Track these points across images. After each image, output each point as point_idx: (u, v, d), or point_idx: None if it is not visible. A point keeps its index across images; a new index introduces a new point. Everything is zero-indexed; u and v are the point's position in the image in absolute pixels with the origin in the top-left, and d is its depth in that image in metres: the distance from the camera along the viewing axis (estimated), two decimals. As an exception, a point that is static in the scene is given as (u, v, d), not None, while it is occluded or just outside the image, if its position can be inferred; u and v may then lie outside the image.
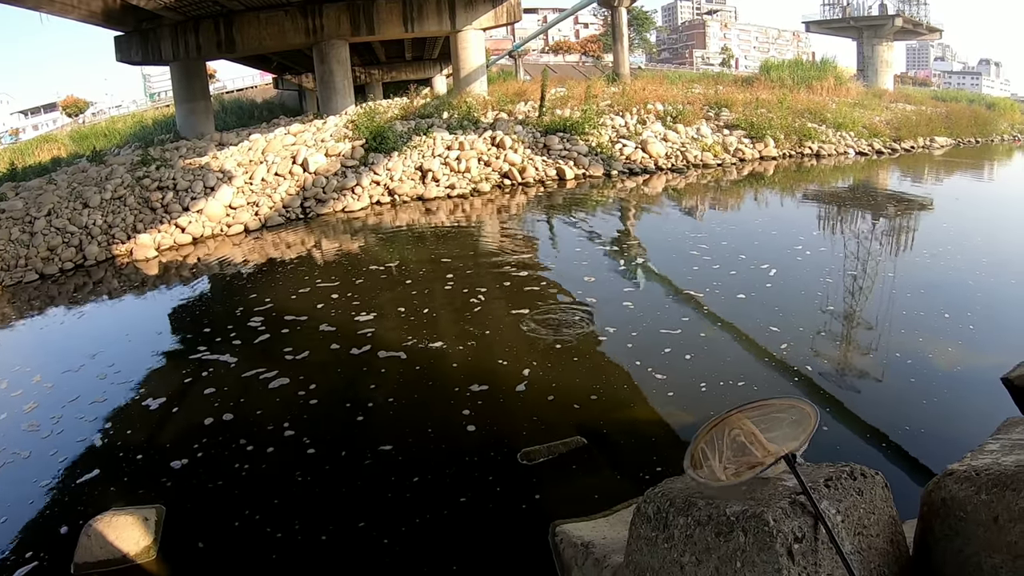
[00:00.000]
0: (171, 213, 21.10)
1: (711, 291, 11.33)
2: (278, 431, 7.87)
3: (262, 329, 11.55)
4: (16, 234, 19.49)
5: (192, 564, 5.80)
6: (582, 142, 26.13)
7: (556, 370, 8.67)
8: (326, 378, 9.24)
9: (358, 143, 24.68)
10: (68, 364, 11.04)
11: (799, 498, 2.56)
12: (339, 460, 7.12)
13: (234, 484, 6.92)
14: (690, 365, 8.55)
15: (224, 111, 53.18)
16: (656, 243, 15.55)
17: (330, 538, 5.81)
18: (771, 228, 16.78)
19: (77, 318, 14.52)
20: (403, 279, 13.89)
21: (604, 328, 10.04)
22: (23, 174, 27.66)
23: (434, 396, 8.43)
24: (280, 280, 14.97)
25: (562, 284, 12.46)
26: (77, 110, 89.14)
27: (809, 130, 29.49)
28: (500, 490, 6.20)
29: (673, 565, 3.08)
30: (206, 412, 8.61)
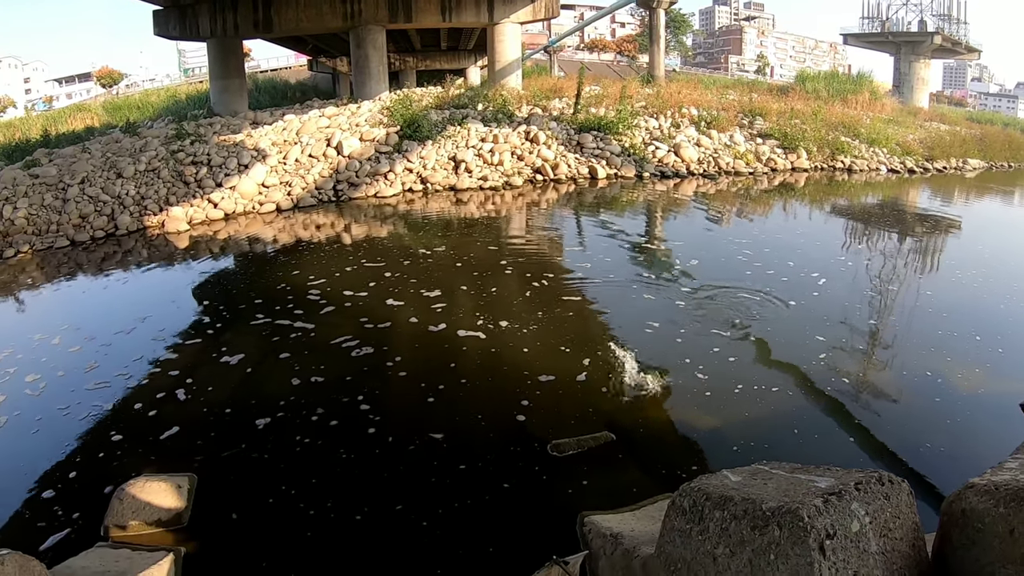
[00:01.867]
0: (204, 188, 21.31)
1: (764, 296, 11.36)
2: (318, 409, 8.00)
3: (297, 304, 11.75)
4: (49, 200, 19.75)
5: (223, 534, 5.89)
6: (615, 142, 26.10)
7: (598, 365, 8.74)
8: (370, 358, 9.39)
9: (392, 129, 24.73)
10: (120, 326, 11.39)
11: (831, 498, 2.65)
12: (372, 441, 7.21)
13: (271, 458, 7.04)
14: (733, 368, 8.60)
15: (258, 90, 53.34)
16: (704, 247, 15.50)
17: (364, 518, 5.90)
18: (813, 238, 16.72)
19: (122, 283, 14.78)
20: (448, 265, 14.07)
21: (653, 324, 10.13)
22: (56, 141, 27.92)
23: (450, 383, 8.52)
24: (313, 260, 15.13)
25: (609, 282, 12.56)
26: (111, 81, 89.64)
27: (842, 144, 29.24)
28: (530, 479, 6.30)
29: (706, 557, 3.16)
30: (247, 384, 8.86)
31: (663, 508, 4.50)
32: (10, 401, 8.82)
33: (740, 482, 3.22)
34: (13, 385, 9.32)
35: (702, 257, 14.01)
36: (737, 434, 6.94)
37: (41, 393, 9.01)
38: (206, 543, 5.76)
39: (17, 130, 38.83)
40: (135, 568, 5.09)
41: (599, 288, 12.22)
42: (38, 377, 9.53)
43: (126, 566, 5.17)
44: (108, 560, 5.33)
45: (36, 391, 9.10)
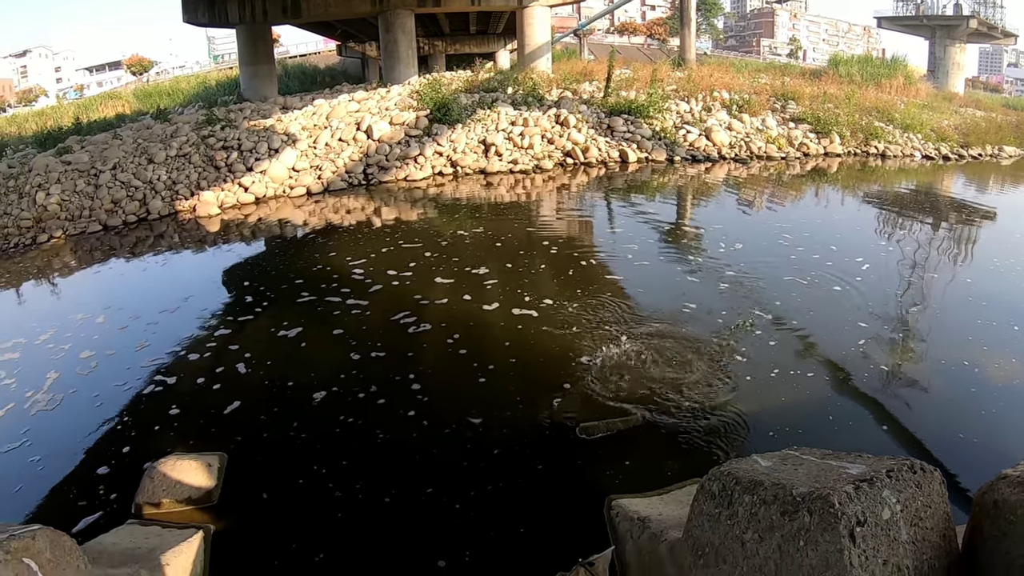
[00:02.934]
0: (235, 172, 21.46)
1: (810, 280, 11.29)
2: (360, 388, 8.08)
3: (342, 283, 11.94)
4: (81, 186, 20.03)
5: (253, 512, 5.95)
6: (646, 125, 25.86)
7: (637, 347, 8.69)
8: (406, 342, 9.43)
9: (422, 113, 24.74)
10: (164, 306, 11.69)
11: (863, 484, 2.62)
12: (409, 422, 7.26)
13: (305, 437, 7.12)
14: (772, 352, 8.56)
15: (287, 75, 53.50)
16: (744, 231, 15.32)
17: (394, 500, 5.94)
18: (852, 224, 16.49)
19: (160, 265, 15.13)
20: (488, 246, 14.15)
21: (700, 307, 10.08)
22: (88, 128, 28.19)
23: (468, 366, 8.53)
24: (349, 241, 15.24)
25: (650, 265, 12.57)
26: (141, 68, 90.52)
27: (876, 129, 28.71)
28: (559, 462, 6.32)
29: (734, 541, 3.14)
30: (292, 363, 8.96)
31: (691, 492, 4.48)
32: (64, 378, 9.06)
33: (770, 467, 3.19)
34: (67, 362, 9.58)
35: (745, 241, 13.86)
36: (770, 419, 6.92)
37: (91, 372, 9.24)
38: (236, 521, 5.84)
39: (49, 118, 39.13)
40: (165, 545, 5.15)
41: (640, 271, 12.23)
42: (92, 354, 9.80)
43: (156, 543, 5.23)
44: (138, 537, 5.40)
45: (87, 369, 9.33)
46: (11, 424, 7.95)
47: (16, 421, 8.02)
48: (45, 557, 3.17)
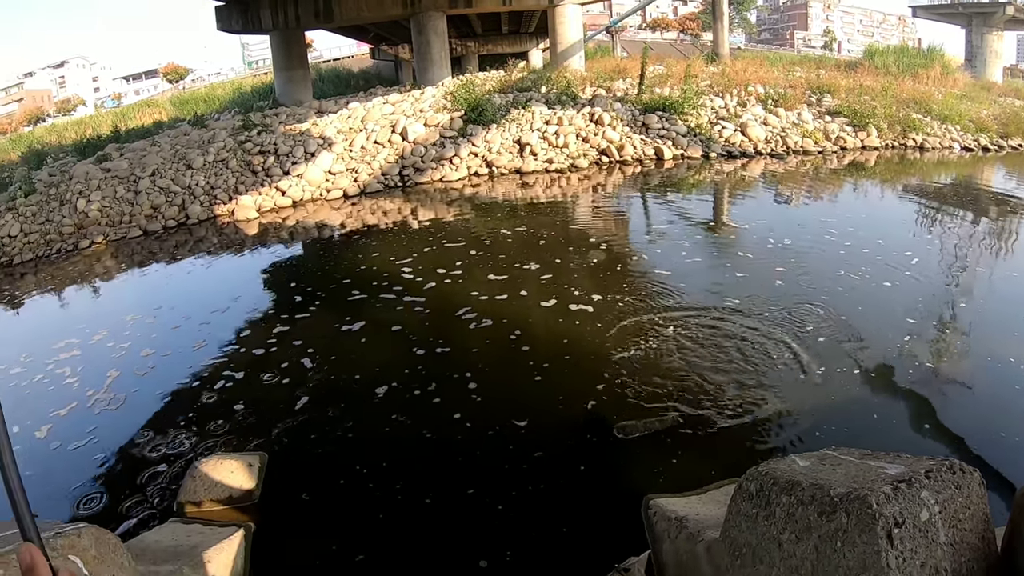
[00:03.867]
0: (272, 176, 21.73)
1: (862, 275, 11.13)
2: (399, 391, 8.13)
3: (393, 282, 12.08)
4: (121, 192, 20.40)
5: (293, 513, 6.02)
6: (681, 122, 25.66)
7: (682, 343, 8.73)
8: (462, 339, 9.50)
9: (456, 114, 24.78)
10: (214, 306, 11.99)
11: (901, 485, 2.62)
12: (454, 423, 7.29)
13: (348, 439, 7.19)
14: (819, 348, 8.44)
15: (321, 79, 53.76)
16: (790, 226, 15.10)
17: (435, 501, 5.97)
18: (897, 218, 16.23)
19: (205, 268, 15.49)
20: (532, 244, 14.20)
21: (751, 304, 9.96)
22: (126, 136, 28.75)
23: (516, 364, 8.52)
24: (392, 242, 15.40)
25: (699, 262, 12.54)
26: (177, 76, 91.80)
27: (913, 121, 28.20)
28: (597, 461, 6.32)
29: (771, 542, 3.15)
30: (336, 364, 9.06)
31: (729, 493, 4.48)
32: (123, 377, 9.37)
33: (808, 467, 3.19)
34: (126, 361, 9.89)
35: (792, 236, 13.69)
36: (811, 418, 6.85)
37: (149, 372, 9.49)
38: (276, 520, 5.91)
39: (88, 127, 39.74)
40: (206, 543, 5.21)
41: (690, 267, 12.18)
42: (151, 352, 10.11)
43: (197, 540, 5.30)
44: (180, 535, 5.47)
45: (145, 368, 9.60)
46: (76, 422, 8.21)
47: (81, 419, 8.28)
48: (90, 554, 3.23)
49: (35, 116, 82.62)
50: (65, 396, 8.96)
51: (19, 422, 8.38)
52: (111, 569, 3.38)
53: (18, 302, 14.85)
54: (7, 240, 19.19)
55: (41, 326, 13.10)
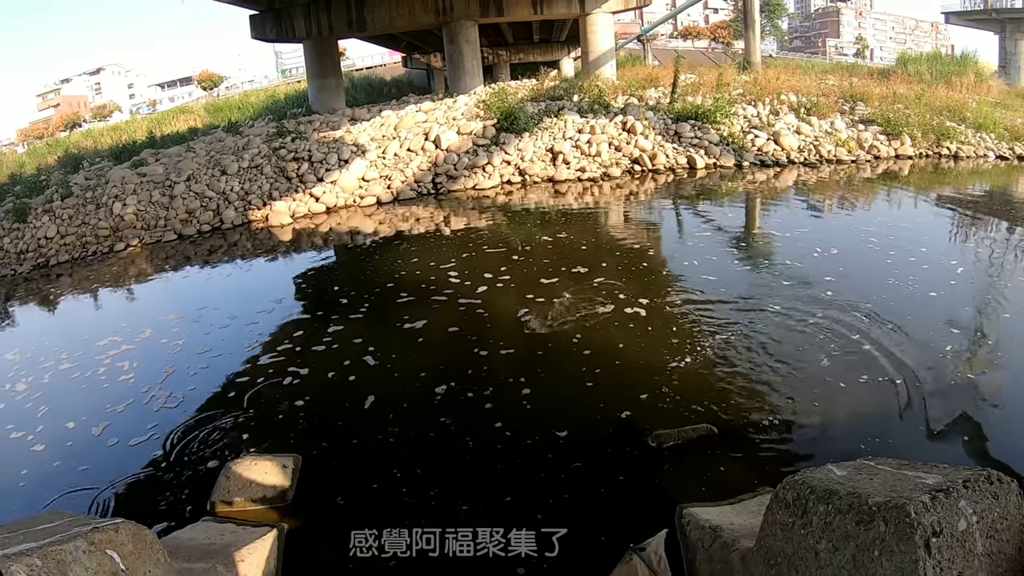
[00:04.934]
0: (306, 183, 21.96)
1: (910, 283, 10.98)
2: (435, 397, 8.14)
3: (442, 286, 12.13)
4: (156, 196, 20.78)
5: (326, 514, 6.08)
6: (713, 131, 25.44)
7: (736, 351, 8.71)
8: (489, 347, 9.48)
9: (489, 122, 24.81)
10: (260, 307, 12.21)
11: (939, 495, 2.63)
12: (481, 431, 7.29)
13: (382, 444, 7.23)
14: (865, 358, 8.29)
15: (354, 88, 54.07)
16: (832, 234, 14.95)
17: (471, 508, 5.99)
18: (937, 228, 15.92)
19: (244, 271, 15.77)
20: (574, 248, 14.28)
21: (803, 313, 9.84)
22: (161, 142, 29.23)
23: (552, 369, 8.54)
24: (431, 247, 15.48)
25: (743, 272, 12.41)
26: (212, 84, 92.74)
27: (947, 129, 27.70)
28: (630, 470, 6.32)
29: (808, 551, 3.17)
30: (372, 367, 9.14)
31: (763, 503, 4.49)
32: (177, 375, 9.66)
33: (845, 476, 3.20)
34: (178, 359, 10.19)
35: (838, 246, 13.42)
36: (846, 428, 6.82)
37: (197, 372, 9.73)
38: (309, 522, 5.98)
39: (124, 133, 40.19)
40: (239, 542, 5.30)
41: (740, 276, 12.10)
42: (207, 350, 10.39)
43: (231, 539, 5.39)
44: (213, 534, 5.56)
45: (194, 368, 9.87)
46: (132, 419, 8.45)
47: (137, 416, 8.51)
48: (127, 549, 3.35)
49: (72, 121, 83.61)
50: (118, 393, 9.22)
51: (74, 417, 8.65)
52: (147, 565, 3.50)
53: (60, 301, 15.29)
54: (44, 241, 19.62)
55: (85, 324, 13.39)
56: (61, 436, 8.26)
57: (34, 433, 8.44)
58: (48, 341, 12.16)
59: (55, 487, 7.05)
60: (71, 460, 7.64)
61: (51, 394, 9.65)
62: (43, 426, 8.61)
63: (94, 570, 3.02)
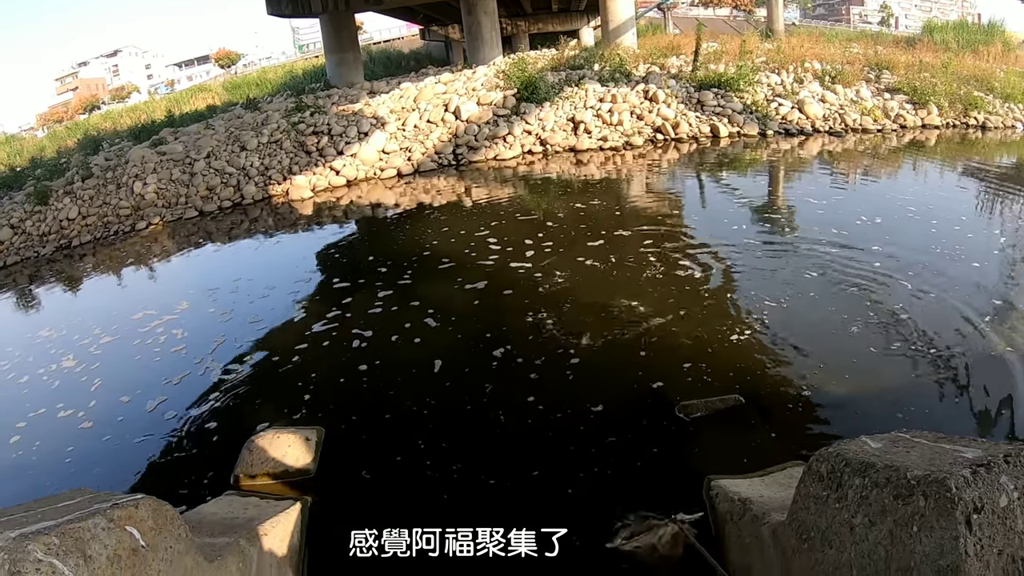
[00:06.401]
0: (325, 157, 21.95)
1: (953, 253, 10.70)
2: (446, 371, 8.10)
3: (481, 254, 12.18)
4: (176, 175, 20.83)
5: (349, 486, 6.08)
6: (736, 99, 25.17)
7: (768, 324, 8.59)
8: (502, 320, 9.41)
9: (509, 92, 24.64)
10: (297, 277, 12.48)
11: (980, 469, 2.52)
12: (507, 405, 7.24)
13: (402, 417, 7.18)
14: (904, 328, 8.13)
15: (372, 61, 53.80)
16: (871, 204, 14.39)
17: (498, 482, 5.96)
18: (975, 197, 15.36)
19: (274, 243, 15.96)
20: (608, 217, 14.19)
21: (827, 285, 9.68)
22: (180, 120, 29.22)
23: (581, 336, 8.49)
24: (461, 217, 15.45)
25: (786, 240, 12.19)
26: (229, 62, 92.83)
27: (975, 99, 27.15)
28: (659, 441, 6.26)
29: (843, 526, 3.06)
30: (394, 340, 9.12)
31: (793, 475, 4.38)
32: (227, 344, 9.82)
33: (881, 449, 3.09)
34: (233, 328, 10.42)
35: (881, 215, 13.13)
36: (877, 401, 6.66)
37: (247, 342, 9.83)
38: (332, 495, 5.97)
39: (142, 113, 40.21)
40: (263, 515, 5.27)
41: (777, 246, 11.86)
42: (258, 320, 10.53)
43: (254, 513, 5.37)
44: (237, 507, 5.55)
45: (251, 337, 9.99)
46: (186, 392, 8.53)
47: (193, 386, 8.64)
48: (147, 525, 3.31)
49: (90, 104, 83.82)
50: (172, 365, 9.35)
51: (129, 392, 8.77)
52: (168, 541, 3.47)
53: (88, 280, 15.44)
54: (66, 223, 19.70)
55: (122, 300, 13.65)
56: (127, 411, 8.35)
57: (86, 408, 8.54)
58: (89, 318, 12.30)
59: (98, 462, 7.25)
60: (117, 433, 7.79)
61: (101, 369, 9.77)
62: (95, 401, 8.72)
63: (113, 547, 2.98)
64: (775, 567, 3.83)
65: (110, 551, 2.95)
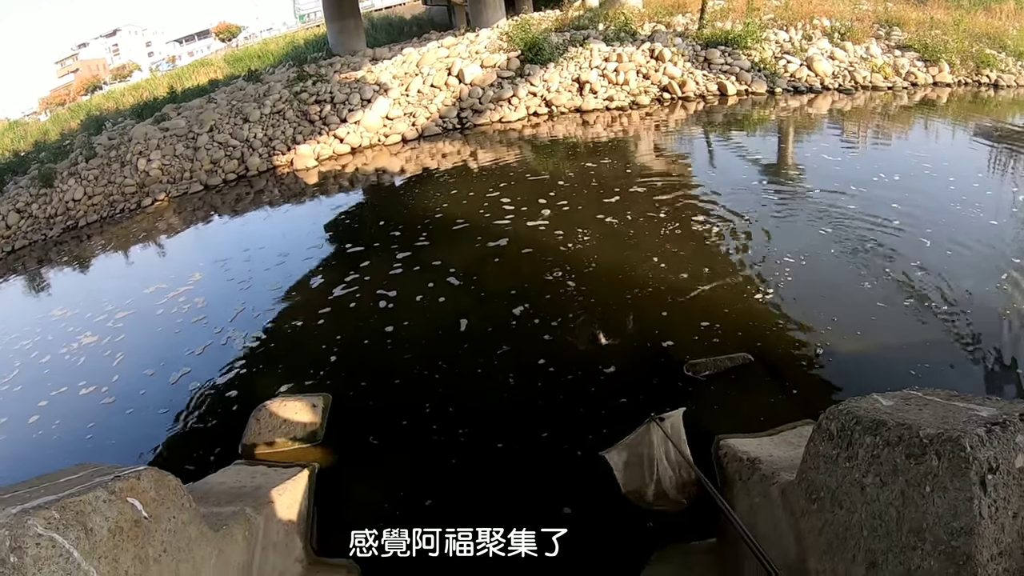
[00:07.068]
0: (329, 125, 21.84)
1: (973, 211, 10.52)
2: (457, 333, 8.09)
3: (496, 214, 12.12)
4: (180, 149, 20.88)
5: (356, 452, 6.07)
6: (744, 57, 24.88)
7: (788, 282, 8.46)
8: (511, 282, 9.31)
9: (513, 54, 24.44)
10: (311, 243, 12.55)
11: (995, 428, 2.41)
12: (519, 368, 7.18)
13: (409, 383, 7.14)
14: (917, 285, 8.02)
15: (374, 28, 53.41)
16: (886, 161, 14.22)
17: (506, 446, 5.93)
18: (990, 156, 14.97)
19: (283, 213, 15.97)
20: (618, 175, 14.00)
21: (844, 242, 9.52)
22: (182, 96, 29.26)
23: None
24: (470, 179, 15.36)
25: (810, 196, 11.95)
26: (230, 35, 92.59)
27: (987, 57, 26.65)
28: (669, 401, 6.07)
29: (853, 486, 2.98)
30: (418, 300, 9.14)
31: (802, 434, 4.29)
32: (247, 311, 9.94)
33: (893, 406, 3.00)
34: (257, 295, 10.47)
35: (899, 172, 13.00)
36: (889, 359, 6.55)
37: (264, 311, 9.86)
38: (340, 460, 6.00)
39: (144, 91, 40.12)
40: (270, 483, 5.30)
41: (795, 203, 11.67)
42: (278, 286, 10.58)
43: (261, 481, 5.40)
44: (244, 476, 5.60)
45: (267, 306, 10.00)
46: (209, 362, 8.62)
47: (215, 356, 8.73)
48: (149, 496, 3.34)
49: (92, 85, 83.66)
50: (193, 336, 9.45)
51: (154, 365, 8.85)
52: (171, 511, 3.50)
53: (97, 259, 15.51)
54: (72, 204, 19.84)
55: (132, 276, 13.67)
56: (136, 384, 8.48)
57: (109, 383, 8.63)
58: (103, 295, 12.46)
59: (119, 436, 7.35)
60: (139, 407, 7.90)
61: (123, 343, 9.91)
62: (118, 375, 8.82)
63: (115, 519, 3.02)
64: (784, 528, 3.75)
65: (111, 523, 2.99)
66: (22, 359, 10.27)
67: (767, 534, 3.93)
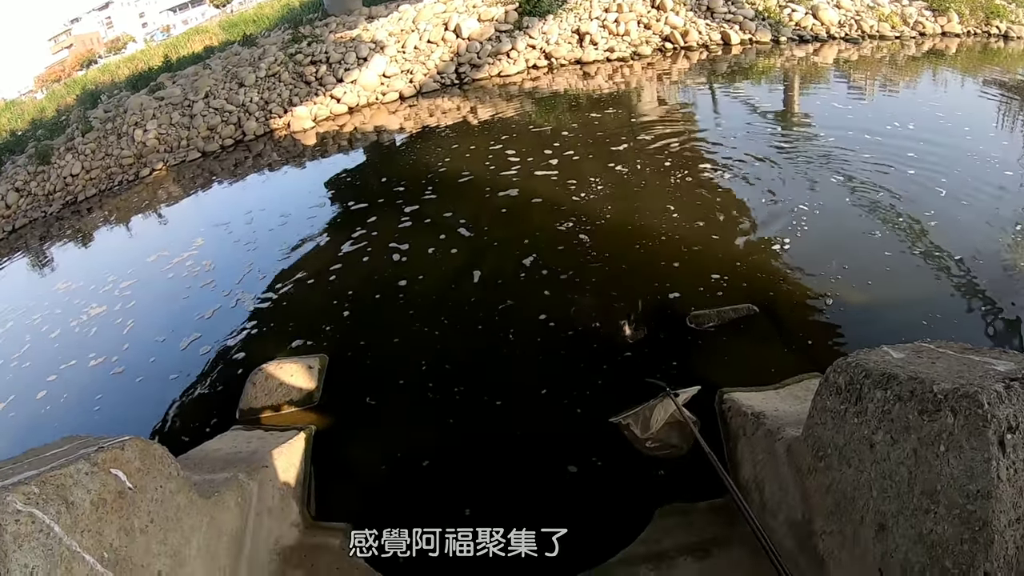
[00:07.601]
0: (325, 85, 21.63)
1: (987, 161, 10.20)
2: (452, 294, 7.94)
3: (501, 166, 11.99)
4: (176, 118, 20.87)
5: (355, 414, 6.02)
6: (748, 5, 24.31)
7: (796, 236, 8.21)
8: (507, 244, 9.11)
9: (511, 7, 24.07)
10: (311, 203, 12.44)
11: (1014, 383, 2.23)
12: (521, 323, 7.08)
13: (408, 343, 7.06)
14: (930, 235, 7.80)
15: (369, -14, 53.18)
16: (899, 110, 13.89)
17: (504, 404, 5.84)
18: (1003, 106, 14.54)
19: (282, 175, 15.89)
20: (622, 128, 13.73)
21: (856, 192, 9.31)
22: (178, 64, 29.03)
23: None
24: (471, 135, 15.14)
25: (829, 151, 11.46)
26: (224, 1, 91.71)
27: (997, 7, 26.21)
28: (672, 354, 6.05)
29: (862, 443, 2.83)
30: (395, 266, 8.97)
31: (809, 388, 4.13)
32: (253, 272, 9.93)
33: (904, 359, 2.83)
34: (263, 257, 10.43)
35: (913, 120, 12.71)
36: (900, 310, 6.37)
37: (270, 272, 9.83)
38: (337, 422, 5.97)
39: (140, 62, 39.84)
40: (267, 447, 5.25)
41: (807, 150, 11.45)
42: (284, 244, 10.58)
43: (257, 446, 5.34)
44: (240, 441, 5.54)
45: (273, 267, 9.94)
46: (218, 326, 8.61)
47: (225, 320, 8.74)
48: (134, 466, 3.29)
49: (87, 60, 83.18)
50: (203, 301, 9.45)
51: (164, 331, 8.86)
52: (157, 480, 3.46)
53: (98, 232, 15.55)
54: (70, 179, 19.92)
55: (134, 246, 13.78)
56: (146, 351, 8.51)
57: (120, 353, 8.66)
58: (108, 266, 12.49)
59: (127, 406, 7.40)
60: (149, 375, 7.91)
61: (132, 311, 9.95)
62: (128, 344, 8.85)
63: (98, 491, 2.97)
64: (790, 486, 3.62)
65: (94, 495, 2.94)
66: (32, 334, 10.29)
67: (772, 493, 3.79)
